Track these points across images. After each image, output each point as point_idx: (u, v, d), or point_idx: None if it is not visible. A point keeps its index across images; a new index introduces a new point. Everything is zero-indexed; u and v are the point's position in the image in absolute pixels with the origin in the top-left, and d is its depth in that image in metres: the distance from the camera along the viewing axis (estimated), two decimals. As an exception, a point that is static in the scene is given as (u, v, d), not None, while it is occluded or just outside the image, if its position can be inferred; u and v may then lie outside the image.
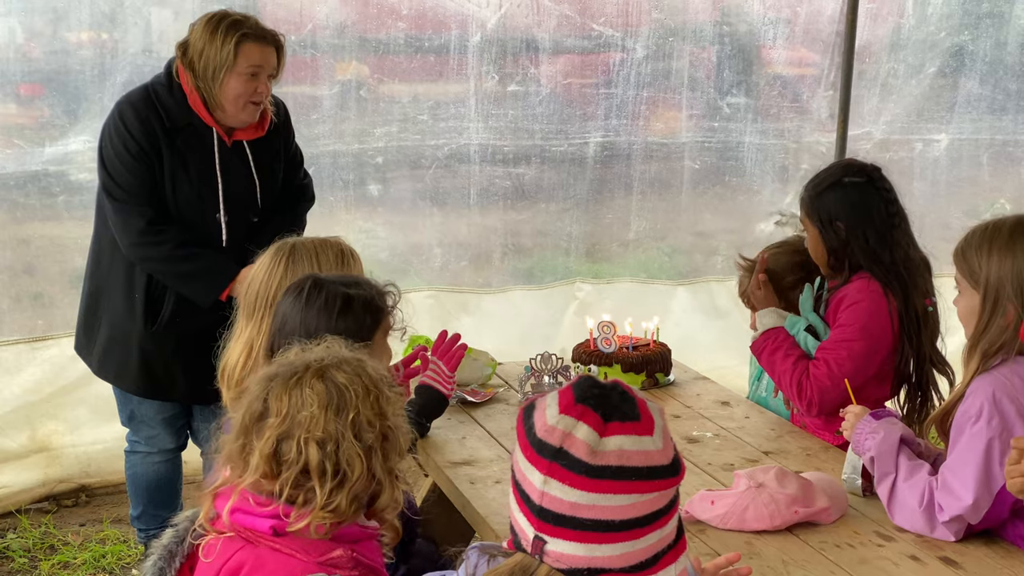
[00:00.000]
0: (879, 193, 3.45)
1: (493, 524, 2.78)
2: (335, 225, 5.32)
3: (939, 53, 6.16)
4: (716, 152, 6.03)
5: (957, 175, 6.41)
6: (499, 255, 5.85)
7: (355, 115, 5.39)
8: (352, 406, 2.09)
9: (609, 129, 5.81)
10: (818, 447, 3.32)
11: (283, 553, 2.06)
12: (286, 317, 2.74)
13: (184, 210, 3.83)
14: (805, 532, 2.72)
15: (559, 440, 1.59)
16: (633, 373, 3.80)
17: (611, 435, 1.59)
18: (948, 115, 6.28)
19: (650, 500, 1.60)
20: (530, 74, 5.64)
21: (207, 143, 3.81)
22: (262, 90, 3.78)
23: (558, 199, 5.85)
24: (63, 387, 5.00)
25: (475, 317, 5.67)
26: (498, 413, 3.59)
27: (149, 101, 3.79)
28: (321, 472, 2.06)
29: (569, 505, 1.58)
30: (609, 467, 1.57)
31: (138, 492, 4.22)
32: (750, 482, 2.78)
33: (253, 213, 3.95)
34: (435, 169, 5.60)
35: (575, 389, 1.64)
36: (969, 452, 2.59)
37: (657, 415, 1.65)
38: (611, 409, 1.61)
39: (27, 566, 4.46)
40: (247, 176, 3.91)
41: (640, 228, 6.01)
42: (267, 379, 2.14)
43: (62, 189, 4.94)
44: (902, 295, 3.38)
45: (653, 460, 1.60)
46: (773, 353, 3.48)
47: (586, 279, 5.95)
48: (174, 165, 3.79)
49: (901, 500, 2.71)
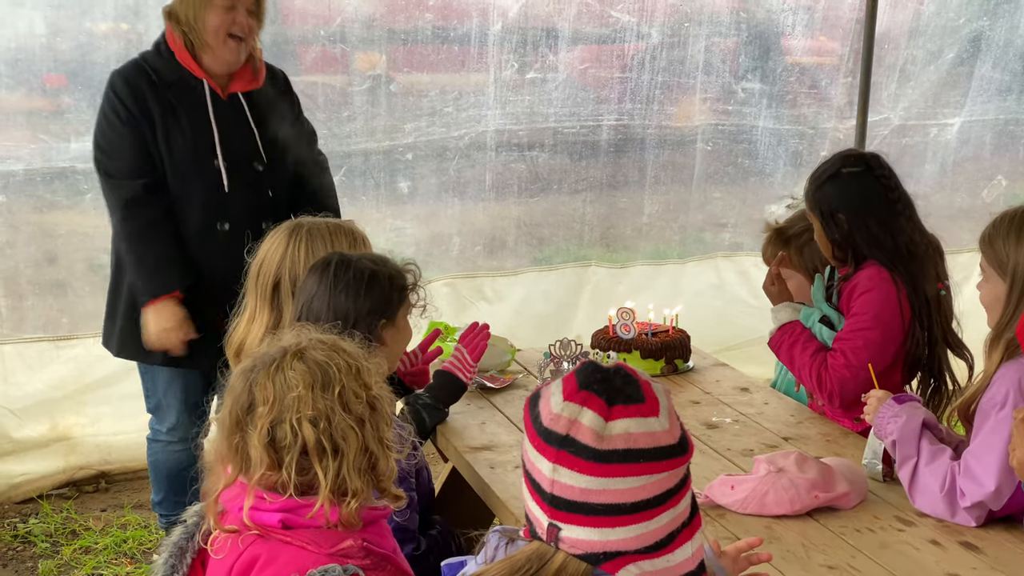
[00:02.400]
0: (878, 181, 3.43)
1: (513, 508, 2.79)
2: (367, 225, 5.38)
3: (957, 39, 6.14)
4: (729, 135, 6.04)
5: (964, 155, 6.43)
6: (513, 239, 5.86)
7: (385, 111, 5.40)
8: (337, 380, 2.09)
9: (623, 113, 5.81)
10: (838, 432, 3.32)
11: (294, 546, 2.06)
12: (312, 295, 2.76)
13: (180, 161, 3.86)
14: (825, 517, 2.72)
15: (565, 428, 1.59)
16: (652, 359, 3.80)
17: (616, 419, 1.59)
18: (962, 99, 6.28)
19: (660, 480, 1.60)
20: (548, 62, 5.64)
21: (198, 93, 3.88)
22: (241, 21, 3.85)
23: (571, 184, 5.86)
24: (87, 384, 5.03)
25: (491, 303, 5.70)
26: (517, 399, 3.59)
27: (138, 66, 3.91)
28: (320, 451, 2.06)
29: (580, 491, 1.58)
30: (616, 451, 1.57)
31: (160, 479, 4.24)
32: (770, 467, 2.78)
33: (257, 162, 3.97)
34: (457, 160, 5.62)
35: (578, 375, 1.64)
36: (993, 438, 2.58)
37: (662, 395, 1.65)
38: (615, 393, 1.61)
39: (49, 551, 4.49)
40: (245, 125, 3.95)
41: (652, 212, 6.03)
42: (247, 371, 2.14)
43: (90, 187, 4.94)
44: (910, 280, 3.37)
45: (660, 441, 1.60)
46: (792, 347, 3.47)
47: (601, 263, 5.97)
48: (167, 120, 3.85)
49: (922, 484, 2.71)
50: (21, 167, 4.83)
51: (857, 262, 3.44)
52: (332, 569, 2.02)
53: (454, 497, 3.63)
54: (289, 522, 2.08)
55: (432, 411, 3.28)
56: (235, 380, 2.16)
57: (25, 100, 4.88)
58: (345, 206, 5.39)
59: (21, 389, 4.95)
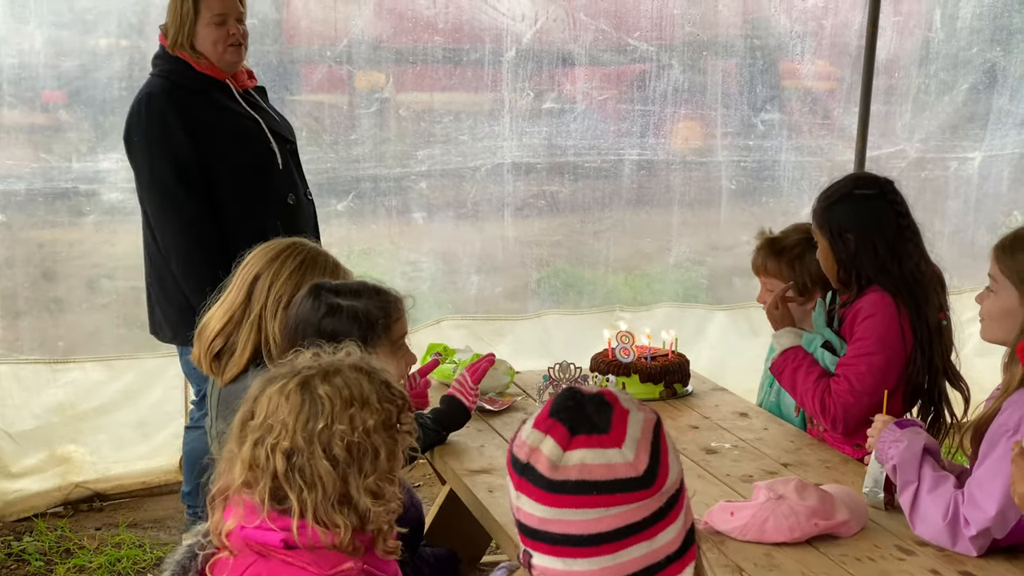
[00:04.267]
0: (891, 206, 3.42)
1: (511, 532, 2.76)
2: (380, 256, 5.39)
3: (972, 69, 6.11)
4: (752, 172, 5.98)
5: (985, 191, 6.37)
6: (535, 279, 5.79)
7: (395, 136, 5.38)
8: (324, 418, 2.05)
9: (646, 147, 5.77)
10: (838, 459, 3.29)
11: (295, 566, 2.05)
12: (299, 322, 2.77)
13: (247, 149, 4.08)
14: (825, 545, 2.69)
15: (526, 455, 1.56)
16: (651, 383, 3.79)
17: (574, 448, 1.54)
18: (981, 132, 6.24)
19: (621, 513, 1.54)
20: (565, 91, 5.62)
21: (228, 92, 4.14)
22: (234, 32, 4.08)
23: (593, 218, 5.80)
24: (85, 412, 5.01)
25: (511, 345, 5.54)
26: (516, 421, 3.56)
27: (168, 81, 4.06)
28: (289, 482, 2.04)
29: (538, 520, 1.55)
30: (568, 481, 1.53)
31: (193, 468, 4.23)
32: (770, 493, 2.76)
33: (292, 142, 4.29)
34: (474, 192, 5.57)
35: (553, 402, 1.60)
36: (1001, 465, 2.54)
37: (635, 426, 1.57)
38: (580, 422, 1.56)
39: (43, 569, 4.46)
40: (266, 111, 4.26)
41: (680, 252, 5.97)
42: (265, 382, 2.14)
43: (92, 208, 4.95)
44: (914, 307, 3.35)
45: (617, 473, 1.54)
46: (795, 372, 3.44)
47: (626, 307, 5.86)
48: (215, 124, 4.05)
49: (923, 512, 2.68)
50: (23, 186, 4.82)
51: (860, 286, 3.42)
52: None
53: (451, 520, 3.62)
54: (291, 542, 2.06)
55: (430, 433, 3.27)
56: (254, 385, 2.15)
57: (27, 117, 4.87)
58: (354, 232, 5.39)
59: (18, 412, 4.92)
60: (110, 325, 5.07)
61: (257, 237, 3.92)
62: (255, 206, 4.08)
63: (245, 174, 4.09)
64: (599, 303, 5.87)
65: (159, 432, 5.09)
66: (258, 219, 4.01)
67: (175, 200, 4.00)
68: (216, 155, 4.03)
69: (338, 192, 5.30)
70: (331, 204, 5.24)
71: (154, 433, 5.10)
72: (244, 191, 4.08)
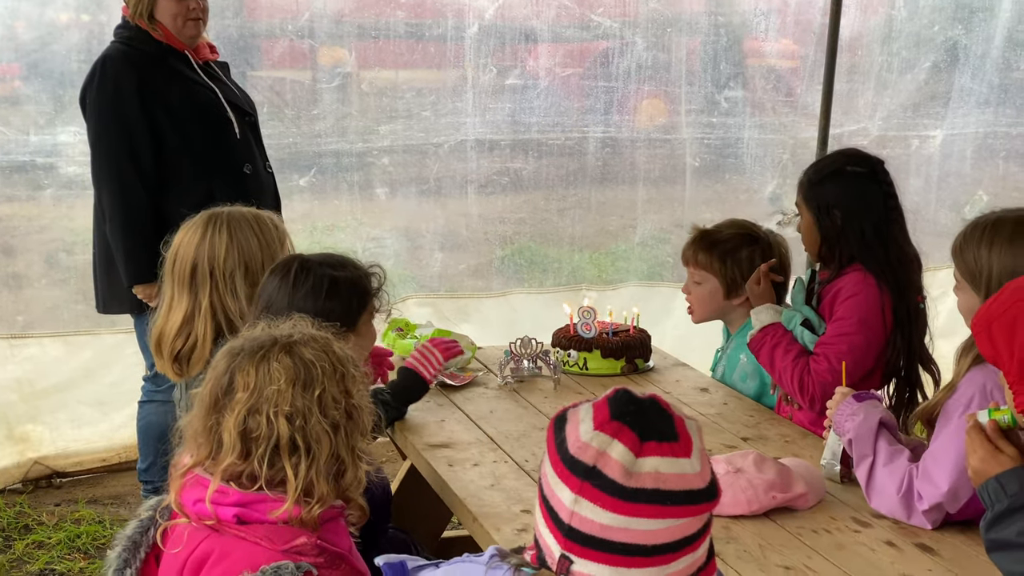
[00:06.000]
0: (880, 187, 3.41)
1: (471, 506, 2.77)
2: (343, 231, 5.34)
3: (934, 47, 6.13)
4: (716, 149, 5.98)
5: (947, 170, 6.40)
6: (499, 256, 5.77)
7: (357, 111, 5.35)
8: (319, 382, 2.09)
9: (610, 124, 5.76)
10: (796, 434, 3.31)
11: (248, 541, 2.05)
12: (272, 299, 2.74)
13: (195, 120, 4.08)
14: (782, 517, 2.71)
15: (593, 459, 1.52)
16: (613, 358, 3.79)
17: (647, 455, 1.52)
18: (943, 111, 6.26)
19: (684, 524, 1.53)
20: (528, 67, 5.59)
21: (187, 62, 4.14)
22: (195, 7, 4.10)
23: (558, 196, 5.78)
24: (44, 389, 4.97)
25: (476, 324, 5.52)
26: (477, 396, 3.57)
27: (127, 47, 4.07)
28: (292, 448, 2.06)
29: (600, 527, 1.51)
30: (644, 490, 1.50)
31: (149, 443, 4.23)
32: (728, 467, 2.77)
33: (251, 114, 4.30)
34: (437, 168, 5.55)
35: (611, 404, 1.56)
36: (955, 440, 2.56)
37: (695, 435, 1.57)
38: (648, 428, 1.53)
39: (1, 546, 4.43)
40: (225, 83, 4.27)
41: (645, 229, 5.96)
42: (232, 354, 2.13)
43: (51, 182, 4.90)
44: (896, 289, 3.35)
45: (690, 484, 1.53)
46: (773, 350, 3.43)
47: (592, 286, 5.85)
48: (171, 89, 4.07)
49: (879, 485, 2.70)
50: (-21, 160, 4.76)
51: (841, 264, 3.42)
52: (285, 566, 2.01)
53: (412, 495, 3.61)
54: (244, 517, 2.06)
55: (391, 409, 3.25)
56: (219, 359, 2.15)
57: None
58: (316, 207, 5.36)
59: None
60: (69, 300, 5.03)
61: (207, 201, 3.96)
62: (209, 173, 4.09)
63: (198, 141, 4.10)
64: (564, 281, 5.86)
65: (119, 411, 5.05)
66: (210, 186, 4.04)
67: (117, 164, 4.02)
68: (169, 121, 4.04)
69: (300, 167, 5.27)
70: (293, 179, 5.21)
71: (114, 412, 5.06)
72: (197, 158, 4.09)
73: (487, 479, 2.93)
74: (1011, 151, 6.46)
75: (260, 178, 4.25)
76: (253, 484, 2.07)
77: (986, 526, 2.14)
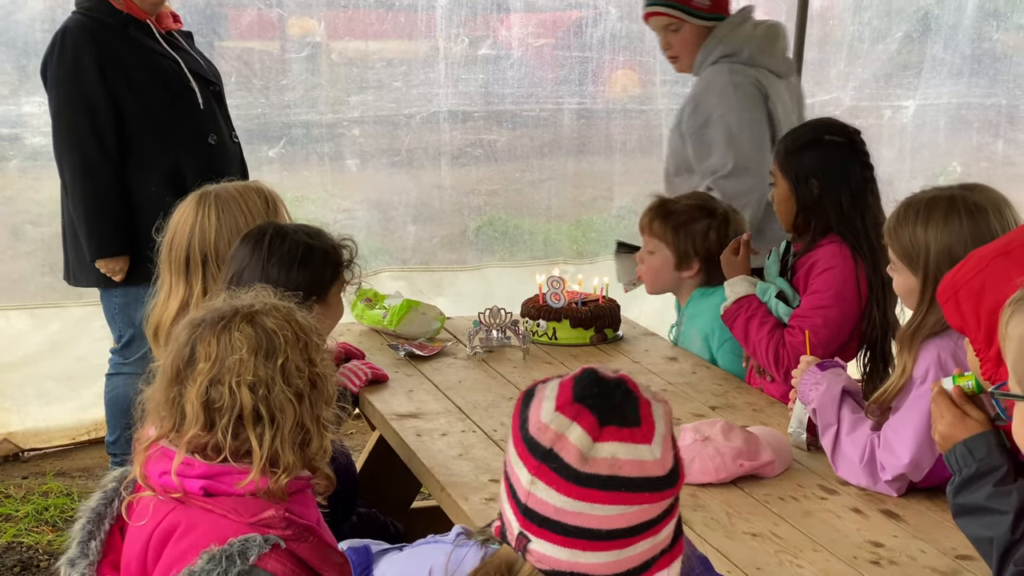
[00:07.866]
0: (857, 156, 3.40)
1: (439, 476, 2.75)
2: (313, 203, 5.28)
3: (906, 17, 6.12)
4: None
5: (920, 141, 6.40)
6: (472, 228, 5.74)
7: (327, 81, 5.30)
8: (281, 351, 2.07)
9: (585, 95, 5.72)
10: (764, 402, 3.32)
11: (215, 514, 2.04)
12: (243, 266, 2.71)
13: (158, 91, 4.05)
14: (750, 485, 2.71)
15: (551, 441, 1.50)
16: (582, 328, 3.78)
17: (605, 440, 1.50)
18: (915, 81, 6.24)
19: (641, 511, 1.52)
20: (501, 37, 5.54)
21: (148, 31, 4.10)
22: None
23: (532, 168, 5.74)
24: (10, 363, 4.93)
25: (451, 298, 5.48)
26: (446, 367, 3.56)
27: (87, 17, 4.02)
28: (255, 418, 2.05)
29: (554, 509, 1.50)
30: (598, 476, 1.49)
31: (117, 415, 4.21)
32: (696, 435, 2.77)
33: (216, 84, 4.26)
34: (409, 139, 5.50)
35: (575, 385, 1.54)
36: (912, 412, 2.58)
37: (660, 420, 1.54)
38: (609, 412, 1.51)
39: (-32, 520, 4.40)
40: (189, 52, 4.24)
41: (623, 202, 5.93)
42: (193, 325, 2.12)
43: (15, 153, 4.84)
44: (872, 261, 3.33)
45: (647, 471, 1.51)
46: (748, 322, 3.42)
47: (570, 260, 5.82)
48: (131, 60, 4.03)
49: (843, 453, 2.71)
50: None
51: (816, 235, 3.41)
52: (252, 539, 2.00)
53: (381, 466, 3.60)
54: (211, 489, 2.05)
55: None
56: (180, 330, 2.14)
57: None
58: (286, 179, 5.32)
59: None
60: (35, 273, 4.99)
61: (173, 172, 3.95)
62: (173, 144, 4.07)
63: (161, 112, 4.07)
64: (539, 254, 5.84)
65: (87, 387, 4.99)
66: (175, 155, 4.04)
67: (78, 139, 3.99)
68: (130, 92, 4.01)
69: (269, 138, 5.23)
70: (262, 150, 5.18)
71: (82, 388, 5.02)
72: (160, 129, 4.06)
73: (455, 449, 2.92)
74: (984, 122, 6.45)
75: (226, 148, 4.22)
76: (218, 455, 2.06)
77: (953, 491, 2.14)
